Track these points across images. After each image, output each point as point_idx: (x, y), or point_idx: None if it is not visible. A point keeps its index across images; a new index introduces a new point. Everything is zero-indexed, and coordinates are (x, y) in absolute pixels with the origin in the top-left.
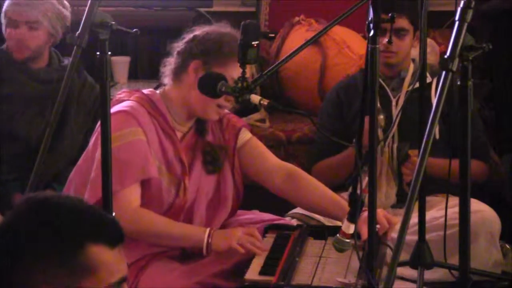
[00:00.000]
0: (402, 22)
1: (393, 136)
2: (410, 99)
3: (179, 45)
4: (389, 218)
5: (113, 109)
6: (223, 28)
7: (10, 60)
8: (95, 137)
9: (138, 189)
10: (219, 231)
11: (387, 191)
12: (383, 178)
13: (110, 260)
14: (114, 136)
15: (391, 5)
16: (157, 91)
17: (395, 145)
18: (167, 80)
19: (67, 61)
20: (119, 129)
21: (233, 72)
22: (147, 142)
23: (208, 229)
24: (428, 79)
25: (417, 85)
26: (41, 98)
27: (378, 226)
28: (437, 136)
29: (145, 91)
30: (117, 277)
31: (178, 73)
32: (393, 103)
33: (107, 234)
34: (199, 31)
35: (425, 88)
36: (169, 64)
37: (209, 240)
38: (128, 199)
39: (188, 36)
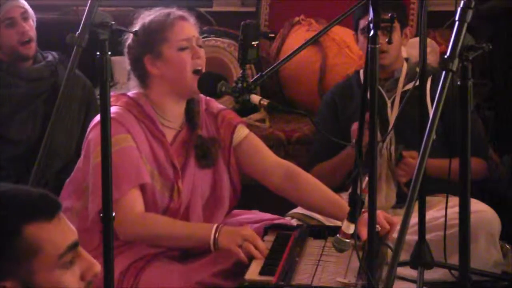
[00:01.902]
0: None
1: (390, 138)
2: (406, 99)
3: (128, 60)
4: (389, 219)
5: (99, 117)
6: (144, 16)
7: None
8: (86, 146)
9: (138, 193)
10: (227, 228)
11: (387, 193)
12: (383, 180)
13: (52, 233)
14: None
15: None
16: (142, 92)
17: (393, 147)
18: (140, 90)
19: (50, 56)
20: None
21: (179, 36)
22: (137, 147)
23: (215, 225)
24: None
25: (410, 86)
26: (33, 97)
27: (378, 227)
28: (434, 136)
29: (131, 94)
30: (65, 245)
31: (143, 80)
32: (388, 104)
33: (39, 210)
34: (128, 39)
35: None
36: (132, 80)
37: (216, 236)
38: (130, 205)
39: (126, 50)
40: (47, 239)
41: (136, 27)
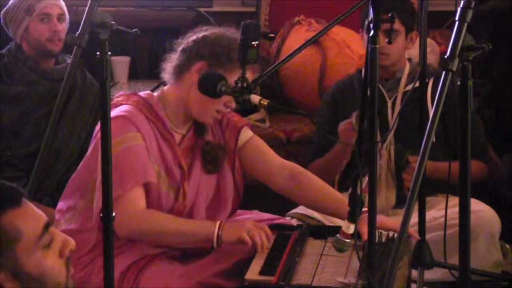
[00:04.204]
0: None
1: (390, 138)
2: (406, 100)
3: (184, 43)
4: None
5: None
6: (232, 33)
7: (21, 59)
8: (94, 142)
9: (142, 191)
10: (229, 223)
11: (386, 195)
12: (383, 182)
13: (25, 217)
14: (114, 142)
15: (383, 4)
16: (155, 93)
17: (392, 147)
18: (167, 76)
19: (69, 59)
20: (118, 134)
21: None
22: (145, 147)
23: (218, 222)
24: None
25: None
26: (52, 97)
27: (391, 233)
28: (433, 139)
29: (142, 94)
30: (41, 226)
31: (181, 71)
32: (389, 104)
33: (7, 199)
34: (208, 32)
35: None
36: (171, 61)
37: (220, 233)
38: (132, 202)
39: (197, 36)
40: (23, 224)
41: (218, 36)
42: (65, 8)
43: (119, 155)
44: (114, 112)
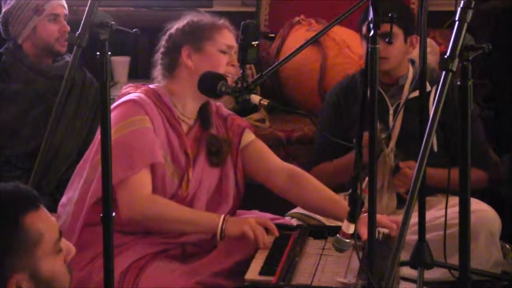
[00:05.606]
0: (387, 27)
1: (391, 146)
2: (408, 108)
3: (159, 53)
4: (396, 220)
5: (120, 100)
6: (191, 15)
7: (20, 58)
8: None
9: (149, 174)
10: (233, 217)
11: (388, 203)
12: (384, 189)
13: (44, 220)
14: (123, 124)
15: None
16: (161, 85)
17: (393, 155)
18: (163, 83)
19: (68, 57)
20: (128, 117)
21: (224, 40)
22: (153, 130)
23: (222, 215)
24: (427, 88)
25: (416, 94)
26: (49, 95)
27: (387, 230)
28: (435, 149)
29: (151, 85)
30: (57, 230)
31: (171, 70)
32: (391, 111)
33: (27, 200)
34: (172, 28)
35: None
36: (157, 71)
37: (224, 226)
38: (140, 185)
39: (164, 39)
40: (44, 227)
41: (182, 23)
42: (67, 10)
43: (129, 136)
44: (124, 98)
